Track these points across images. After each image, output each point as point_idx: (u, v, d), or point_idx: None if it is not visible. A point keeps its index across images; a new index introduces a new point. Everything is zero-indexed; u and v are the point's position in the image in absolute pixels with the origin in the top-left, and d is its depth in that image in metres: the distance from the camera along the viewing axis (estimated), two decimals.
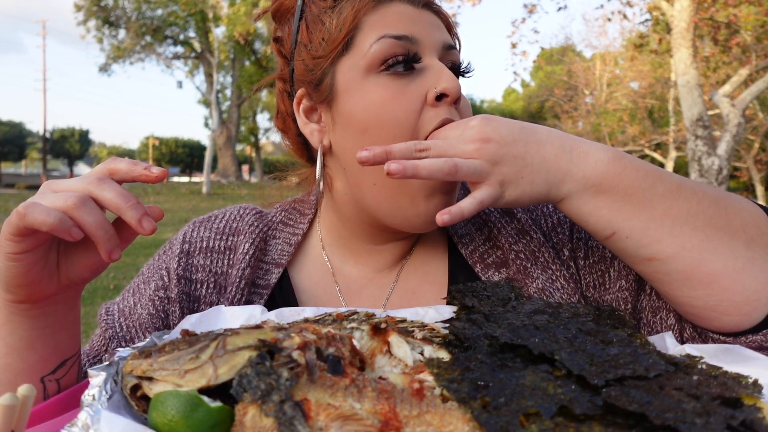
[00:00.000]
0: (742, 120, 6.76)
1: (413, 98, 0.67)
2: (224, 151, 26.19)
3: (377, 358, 0.52)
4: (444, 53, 0.71)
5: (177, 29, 24.19)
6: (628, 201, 0.59)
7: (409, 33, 0.69)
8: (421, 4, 0.72)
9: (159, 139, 48.54)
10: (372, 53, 0.68)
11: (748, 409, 0.37)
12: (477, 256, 0.78)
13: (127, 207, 0.54)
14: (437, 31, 0.71)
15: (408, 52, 0.68)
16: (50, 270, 0.58)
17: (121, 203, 0.54)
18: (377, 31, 0.69)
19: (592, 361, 0.45)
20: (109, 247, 0.54)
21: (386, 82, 0.68)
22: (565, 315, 0.55)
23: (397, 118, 0.66)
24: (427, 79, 0.68)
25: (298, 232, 0.83)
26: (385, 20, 0.70)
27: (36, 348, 0.61)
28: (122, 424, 0.39)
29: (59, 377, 0.63)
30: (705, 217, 0.58)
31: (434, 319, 0.59)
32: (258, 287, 0.79)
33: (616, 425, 0.37)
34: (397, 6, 0.71)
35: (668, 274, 0.59)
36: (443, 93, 0.66)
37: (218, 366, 0.42)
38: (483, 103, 34.68)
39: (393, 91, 0.67)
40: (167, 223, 10.91)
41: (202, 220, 0.84)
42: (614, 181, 0.59)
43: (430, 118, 0.66)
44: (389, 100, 0.67)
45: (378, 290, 0.79)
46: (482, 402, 0.39)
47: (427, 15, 0.72)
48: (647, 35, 9.37)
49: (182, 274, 0.78)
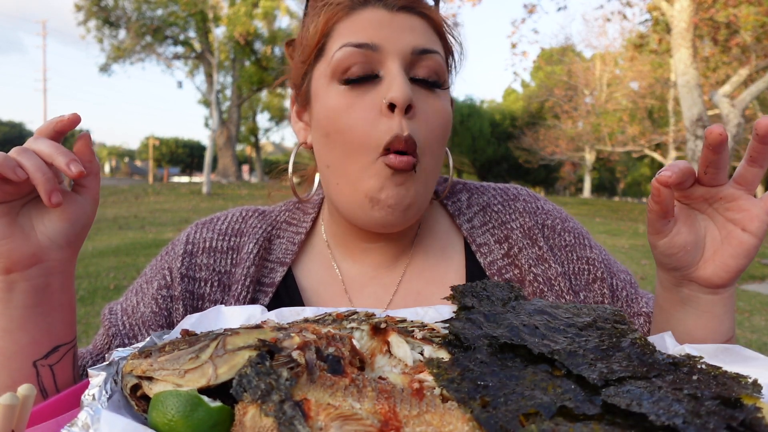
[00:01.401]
0: (741, 120, 6.76)
1: (368, 108, 0.69)
2: (224, 151, 26.18)
3: (377, 358, 0.52)
4: (413, 58, 0.70)
5: (177, 29, 24.17)
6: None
7: (371, 40, 0.69)
8: (396, 8, 0.71)
9: (159, 139, 48.52)
10: (334, 61, 0.70)
11: (748, 409, 0.37)
12: (495, 269, 0.79)
13: (56, 153, 0.58)
14: (408, 36, 0.70)
15: (366, 61, 0.69)
16: (24, 227, 0.60)
17: (52, 151, 0.58)
18: (342, 38, 0.71)
19: (592, 361, 0.45)
20: (48, 188, 0.56)
21: (344, 91, 0.70)
22: (565, 315, 0.55)
23: (353, 126, 0.69)
24: (383, 88, 0.69)
25: (302, 231, 0.84)
26: (353, 27, 0.71)
27: (28, 329, 0.62)
28: (122, 424, 0.39)
29: (52, 363, 0.64)
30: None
31: (434, 319, 0.59)
32: (263, 285, 0.80)
33: (616, 425, 0.37)
34: (369, 12, 0.71)
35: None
36: (392, 102, 0.67)
37: (218, 366, 0.42)
38: (483, 103, 34.71)
39: (349, 100, 0.69)
40: (167, 224, 10.91)
41: (205, 222, 0.86)
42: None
43: (384, 128, 0.67)
44: (345, 109, 0.69)
45: (381, 289, 0.80)
46: (482, 402, 0.39)
47: (401, 18, 0.71)
48: (647, 35, 9.37)
49: (185, 273, 0.79)
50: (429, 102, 0.71)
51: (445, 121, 0.73)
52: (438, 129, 0.72)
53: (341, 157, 0.71)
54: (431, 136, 0.71)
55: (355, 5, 0.72)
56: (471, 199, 0.86)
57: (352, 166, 0.70)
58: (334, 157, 0.71)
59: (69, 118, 0.60)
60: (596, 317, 0.56)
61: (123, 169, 61.17)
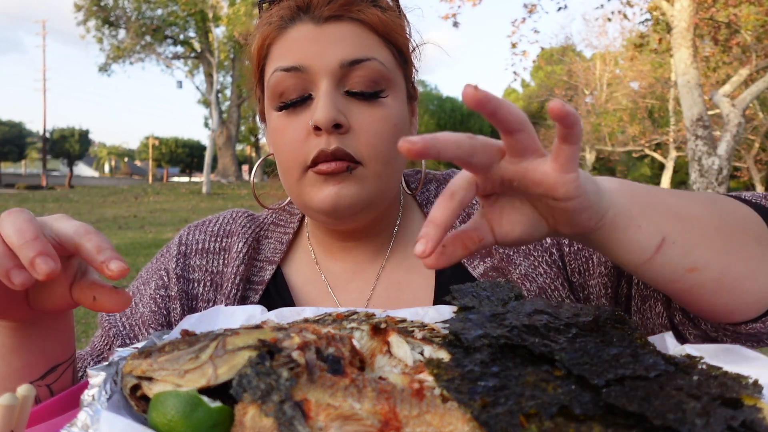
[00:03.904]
0: (742, 120, 6.77)
1: (298, 130, 0.70)
2: (224, 151, 26.20)
3: (377, 358, 0.52)
4: (344, 71, 0.69)
5: (177, 29, 24.18)
6: (656, 209, 0.53)
7: (299, 62, 0.69)
8: (323, 19, 0.70)
9: (159, 139, 48.53)
10: (269, 86, 0.72)
11: (748, 409, 0.37)
12: None
13: (20, 245, 0.46)
14: (336, 49, 0.69)
15: (298, 83, 0.70)
16: (15, 298, 0.54)
17: (15, 239, 0.46)
18: (275, 62, 0.72)
19: (592, 361, 0.44)
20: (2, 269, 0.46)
21: (280, 115, 0.72)
22: (565, 315, 0.55)
23: (285, 148, 0.72)
24: (312, 109, 0.70)
25: (289, 231, 0.86)
26: (282, 48, 0.72)
27: (21, 354, 0.59)
28: (122, 424, 0.39)
29: (49, 383, 0.62)
30: (716, 218, 0.56)
31: (434, 319, 0.59)
32: (253, 283, 0.82)
33: (616, 425, 0.37)
34: (297, 29, 0.71)
35: (703, 286, 0.54)
36: (315, 125, 0.68)
37: (218, 366, 0.42)
38: None
39: (283, 123, 0.72)
40: (167, 224, 10.92)
41: (197, 225, 0.88)
42: (636, 194, 0.53)
43: (312, 145, 0.69)
44: (281, 131, 0.72)
45: (364, 283, 0.81)
46: (482, 402, 0.39)
47: (330, 30, 0.70)
48: (647, 35, 9.37)
49: (180, 274, 0.81)
50: (366, 114, 0.70)
51: (389, 126, 0.71)
52: (379, 137, 0.71)
53: (283, 176, 0.75)
54: (373, 143, 0.70)
55: (285, 23, 0.72)
56: (439, 188, 0.87)
57: (291, 183, 0.73)
58: (281, 175, 0.76)
59: (111, 274, 0.49)
60: (596, 317, 0.55)
61: (123, 169, 61.19)
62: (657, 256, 0.51)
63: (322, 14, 0.70)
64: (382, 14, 0.72)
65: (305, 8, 0.71)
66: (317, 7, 0.70)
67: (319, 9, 0.70)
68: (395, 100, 0.73)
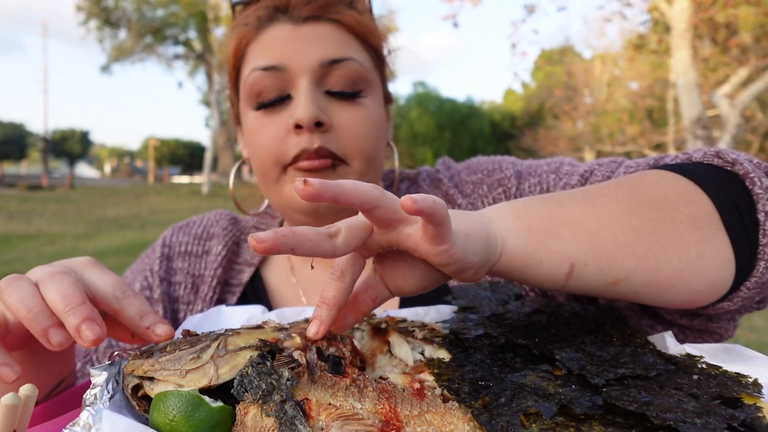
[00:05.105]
0: (741, 120, 6.76)
1: (277, 129, 0.70)
2: (224, 151, 26.17)
3: (378, 358, 0.52)
4: (324, 71, 0.70)
5: (177, 30, 24.17)
6: (558, 236, 0.49)
7: (277, 61, 0.69)
8: (302, 19, 0.70)
9: (159, 140, 48.49)
10: (247, 86, 0.72)
11: (748, 408, 0.37)
12: None
13: (65, 311, 0.45)
14: (316, 48, 0.69)
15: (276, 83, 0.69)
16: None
17: (60, 306, 0.45)
18: (252, 62, 0.72)
19: (592, 360, 0.45)
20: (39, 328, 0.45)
21: (258, 115, 0.72)
22: (565, 315, 0.56)
23: (265, 146, 0.71)
24: (292, 108, 0.70)
25: None
26: (260, 48, 0.71)
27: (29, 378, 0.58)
28: (124, 424, 0.39)
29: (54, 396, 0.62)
30: (637, 216, 0.51)
31: (434, 319, 0.60)
32: (231, 286, 0.83)
33: (616, 425, 0.37)
34: (275, 29, 0.71)
35: (636, 292, 0.51)
36: (297, 123, 0.68)
37: (219, 366, 0.43)
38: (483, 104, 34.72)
39: (261, 123, 0.71)
40: (168, 224, 10.89)
41: (182, 226, 0.89)
42: (534, 226, 0.49)
43: (293, 143, 0.69)
44: (259, 130, 0.71)
45: None
46: (482, 402, 0.40)
47: (308, 30, 0.70)
48: (647, 36, 9.37)
49: (163, 277, 0.83)
50: (346, 113, 0.71)
51: (370, 126, 0.72)
52: (361, 136, 0.71)
53: (260, 177, 0.74)
54: (354, 143, 0.70)
55: (263, 23, 0.72)
56: (410, 187, 0.87)
57: (269, 183, 0.73)
58: (258, 177, 0.75)
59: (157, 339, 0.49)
60: (596, 317, 0.56)
61: (123, 169, 61.15)
62: (569, 282, 0.49)
63: (300, 14, 0.70)
64: (359, 16, 0.73)
65: (283, 8, 0.71)
66: (296, 8, 0.71)
67: (297, 9, 0.71)
68: (374, 101, 0.74)
